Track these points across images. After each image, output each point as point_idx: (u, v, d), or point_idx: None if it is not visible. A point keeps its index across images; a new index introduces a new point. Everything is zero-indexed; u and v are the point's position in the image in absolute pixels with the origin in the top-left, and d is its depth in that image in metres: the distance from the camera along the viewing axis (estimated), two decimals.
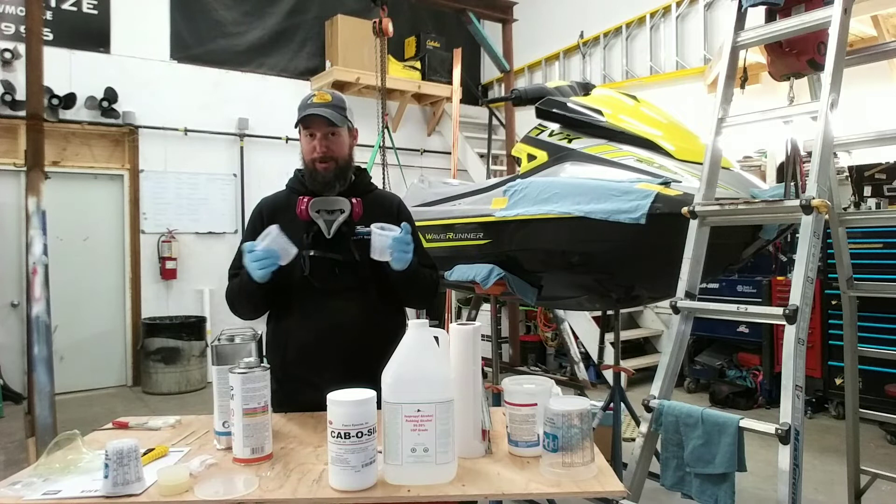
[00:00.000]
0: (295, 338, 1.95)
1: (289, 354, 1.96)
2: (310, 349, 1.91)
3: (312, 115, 1.92)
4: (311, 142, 1.95)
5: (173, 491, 1.31)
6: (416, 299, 2.08)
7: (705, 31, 6.28)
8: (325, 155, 1.94)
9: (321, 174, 1.95)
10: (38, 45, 3.74)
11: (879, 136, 2.54)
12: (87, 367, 6.16)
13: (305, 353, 1.92)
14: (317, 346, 1.91)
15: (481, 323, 1.93)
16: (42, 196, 3.65)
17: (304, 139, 1.98)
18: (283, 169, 7.82)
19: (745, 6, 2.28)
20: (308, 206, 1.93)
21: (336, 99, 1.97)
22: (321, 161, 1.94)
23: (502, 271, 3.12)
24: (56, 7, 6.10)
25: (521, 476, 1.39)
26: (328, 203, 1.94)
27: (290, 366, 1.94)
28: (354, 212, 1.94)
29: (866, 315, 3.85)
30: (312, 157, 1.95)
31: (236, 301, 2.01)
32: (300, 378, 1.91)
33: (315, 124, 1.94)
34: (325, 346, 1.90)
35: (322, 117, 1.91)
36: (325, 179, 1.96)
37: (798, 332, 1.82)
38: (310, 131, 1.95)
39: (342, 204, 1.94)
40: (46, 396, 3.55)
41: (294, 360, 1.94)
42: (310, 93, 2.03)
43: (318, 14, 7.55)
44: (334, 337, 1.89)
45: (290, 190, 2.06)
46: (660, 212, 2.38)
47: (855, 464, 2.77)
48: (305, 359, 1.92)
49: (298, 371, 1.92)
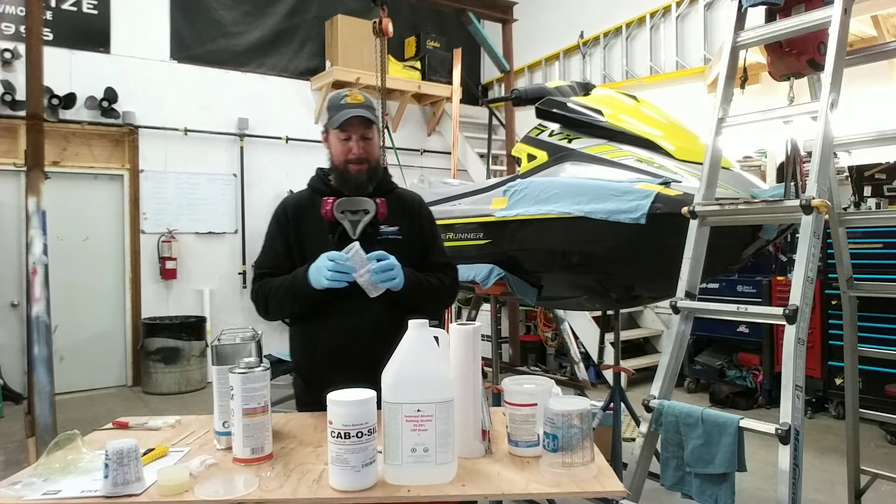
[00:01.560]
0: (322, 339, 1.96)
1: (317, 356, 1.97)
2: (337, 351, 1.92)
3: (351, 117, 1.90)
4: (347, 143, 1.94)
5: (173, 491, 1.31)
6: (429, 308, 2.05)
7: (705, 31, 6.28)
8: (361, 157, 1.94)
9: (353, 176, 1.95)
10: (38, 45, 3.74)
11: (879, 136, 2.54)
12: (87, 367, 6.16)
13: (332, 355, 1.93)
14: (343, 348, 1.91)
15: (481, 323, 1.93)
16: (42, 196, 3.64)
17: (337, 140, 1.96)
18: (283, 169, 7.85)
19: (745, 6, 2.28)
20: (333, 206, 1.92)
21: (367, 100, 1.97)
22: (356, 162, 1.94)
23: (502, 271, 3.12)
24: (56, 7, 6.10)
25: (521, 476, 1.39)
26: (353, 204, 1.94)
27: (317, 367, 1.96)
28: (379, 212, 1.94)
29: (866, 315, 3.85)
30: (347, 159, 1.94)
31: (275, 301, 1.96)
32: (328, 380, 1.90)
33: (352, 126, 1.93)
34: (352, 347, 1.90)
35: (360, 117, 1.91)
36: (359, 181, 1.96)
37: (798, 332, 1.82)
38: (346, 133, 1.94)
39: (367, 204, 1.94)
40: (46, 396, 3.55)
41: (322, 362, 1.95)
42: (338, 93, 2.01)
43: (318, 14, 7.55)
44: (360, 338, 1.90)
45: (313, 190, 2.05)
46: (660, 212, 2.39)
47: (855, 464, 2.77)
48: (332, 360, 1.92)
49: (326, 372, 1.90)
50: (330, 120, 1.95)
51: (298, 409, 2.02)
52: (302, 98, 7.42)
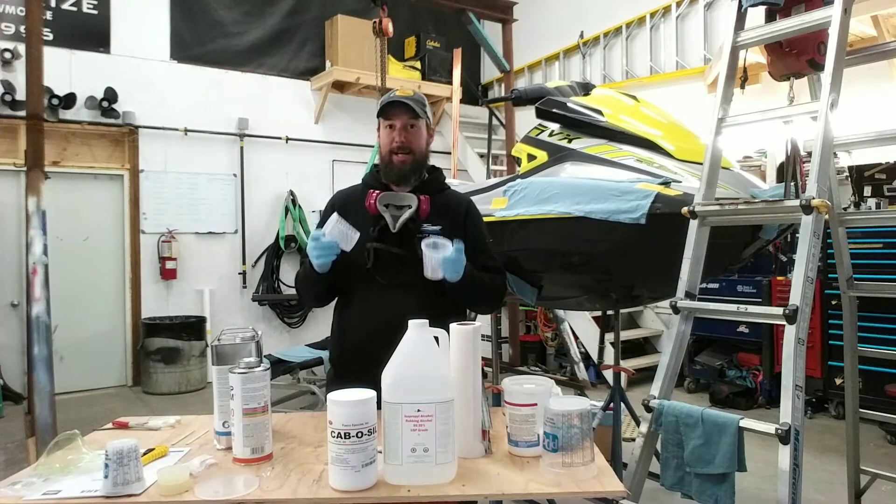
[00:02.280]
0: (354, 330, 1.98)
1: (347, 346, 1.99)
2: (367, 343, 1.91)
3: (393, 104, 1.94)
4: (391, 133, 1.97)
5: (173, 491, 1.31)
6: (478, 305, 2.09)
7: (705, 31, 6.28)
8: (404, 145, 1.96)
9: (397, 167, 1.97)
10: (38, 45, 3.74)
11: (879, 136, 2.54)
12: (87, 367, 6.15)
13: (362, 347, 1.93)
14: (373, 340, 1.88)
15: (481, 323, 1.93)
16: (42, 196, 3.64)
17: (384, 131, 2.00)
18: (283, 169, 7.85)
19: (745, 6, 2.28)
20: (377, 199, 1.94)
21: (417, 95, 2.01)
22: (399, 152, 1.96)
23: None
24: (56, 7, 6.09)
25: (521, 476, 1.39)
26: (396, 198, 1.96)
27: (346, 358, 1.99)
28: (422, 209, 1.95)
29: (866, 315, 3.85)
30: (391, 148, 1.97)
31: (301, 288, 2.07)
32: (356, 371, 1.89)
33: (396, 115, 1.96)
34: (382, 340, 1.88)
35: (403, 104, 1.94)
36: (402, 172, 1.98)
37: (798, 332, 1.82)
38: (390, 122, 1.97)
39: (410, 200, 1.95)
40: (46, 396, 3.55)
41: (351, 353, 1.97)
42: (393, 88, 2.07)
43: (318, 14, 7.54)
44: (391, 332, 1.88)
45: (365, 185, 2.08)
46: (660, 212, 2.38)
47: (855, 464, 2.77)
48: (362, 352, 1.91)
49: (355, 364, 1.92)
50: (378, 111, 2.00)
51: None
52: (302, 98, 7.41)
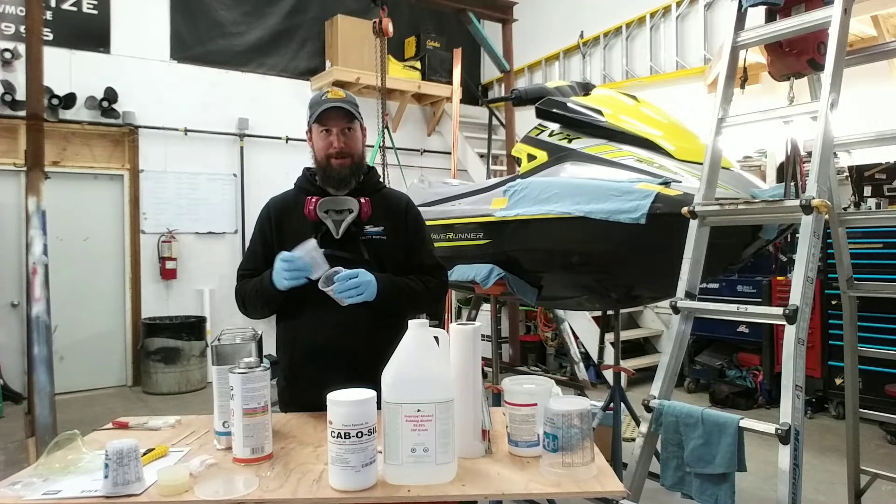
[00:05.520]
0: (303, 338, 1.95)
1: (297, 354, 1.96)
2: (317, 349, 1.91)
3: (329, 110, 1.90)
4: (328, 137, 1.93)
5: (173, 491, 1.31)
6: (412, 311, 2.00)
7: (705, 31, 6.28)
8: (342, 150, 1.92)
9: (336, 170, 1.93)
10: (38, 45, 3.74)
11: (879, 136, 2.54)
12: (87, 367, 6.16)
13: (313, 353, 1.92)
14: (324, 347, 1.90)
15: (481, 323, 1.93)
16: (42, 196, 3.65)
17: (319, 135, 1.95)
18: (283, 169, 7.86)
19: (745, 6, 2.28)
20: (316, 206, 1.92)
21: (349, 96, 1.97)
22: (337, 157, 1.92)
23: (502, 271, 3.12)
24: (56, 7, 6.10)
25: (521, 476, 1.39)
26: (337, 203, 1.93)
27: (297, 365, 1.95)
28: (363, 211, 1.93)
29: (866, 315, 3.85)
30: (328, 153, 1.93)
31: (249, 302, 1.99)
32: (307, 378, 1.90)
33: (332, 119, 1.92)
34: (332, 346, 1.89)
35: (340, 109, 1.90)
36: (341, 176, 1.94)
37: (798, 332, 1.82)
38: (326, 127, 1.93)
39: (350, 204, 1.93)
40: (46, 396, 3.55)
41: (302, 360, 1.95)
42: (319, 91, 2.01)
43: (318, 14, 7.55)
44: (341, 337, 1.89)
45: (299, 189, 2.04)
46: (660, 212, 2.39)
47: (855, 464, 2.77)
48: (313, 359, 1.92)
49: (306, 371, 1.92)
50: (310, 116, 1.95)
51: (281, 408, 1.98)
52: (302, 98, 7.38)
